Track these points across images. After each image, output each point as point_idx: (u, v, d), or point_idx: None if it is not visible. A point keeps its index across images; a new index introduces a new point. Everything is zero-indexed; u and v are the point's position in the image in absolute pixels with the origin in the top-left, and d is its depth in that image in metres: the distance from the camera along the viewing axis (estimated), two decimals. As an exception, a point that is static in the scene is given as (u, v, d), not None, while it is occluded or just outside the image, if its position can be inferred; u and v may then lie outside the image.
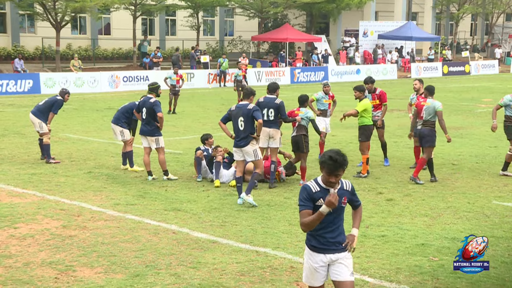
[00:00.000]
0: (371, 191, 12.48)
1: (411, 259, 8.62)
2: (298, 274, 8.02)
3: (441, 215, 10.84)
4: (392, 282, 7.80)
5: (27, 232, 9.63)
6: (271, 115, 12.56)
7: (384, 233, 9.74)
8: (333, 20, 53.15)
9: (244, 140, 11.42)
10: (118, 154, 15.77)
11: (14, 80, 31.87)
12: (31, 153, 16.11)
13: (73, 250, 8.87)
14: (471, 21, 67.19)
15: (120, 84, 34.45)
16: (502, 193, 12.43)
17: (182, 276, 7.93)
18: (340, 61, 48.91)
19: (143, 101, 13.28)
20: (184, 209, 11.04)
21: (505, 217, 10.78)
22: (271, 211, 10.95)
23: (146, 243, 9.22)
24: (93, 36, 44.35)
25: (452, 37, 60.94)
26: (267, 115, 12.49)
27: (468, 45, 62.83)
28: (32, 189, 12.35)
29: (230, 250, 8.93)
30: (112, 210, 11.00)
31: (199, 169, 13.22)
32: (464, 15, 59.46)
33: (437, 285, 7.72)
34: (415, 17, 60.88)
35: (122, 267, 8.22)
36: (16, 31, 41.71)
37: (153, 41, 46.07)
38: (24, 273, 7.98)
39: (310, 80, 42.32)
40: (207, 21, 50.68)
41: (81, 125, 21.48)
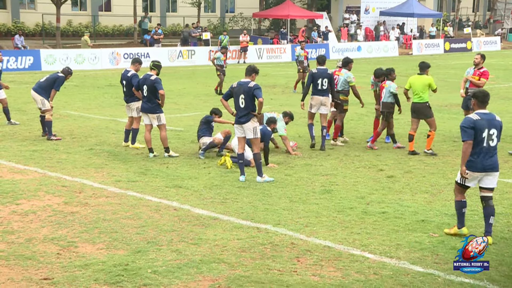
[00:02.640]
0: (371, 168, 12.50)
1: (411, 236, 8.65)
2: (299, 250, 8.06)
3: (442, 192, 10.86)
4: (392, 258, 7.84)
5: (29, 208, 9.67)
6: (324, 84, 14.00)
7: (385, 210, 9.77)
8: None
9: (245, 117, 11.41)
10: (120, 131, 15.77)
11: (15, 57, 31.77)
12: (33, 129, 16.11)
13: (75, 226, 8.91)
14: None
15: (120, 61, 34.33)
16: (502, 169, 12.41)
17: (183, 252, 7.97)
18: (342, 38, 48.65)
19: (144, 79, 13.20)
20: (185, 186, 11.06)
21: (505, 193, 10.81)
22: (272, 188, 10.98)
23: (148, 219, 9.25)
24: (94, 13, 44.13)
25: (454, 14, 60.56)
26: (321, 84, 13.98)
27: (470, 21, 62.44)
28: (34, 166, 12.37)
29: (231, 227, 8.96)
30: (114, 186, 11.02)
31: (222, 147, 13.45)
32: (467, -9, 59.09)
33: (437, 261, 7.76)
34: (417, -6, 60.48)
35: (123, 243, 8.26)
36: (16, 7, 41.48)
37: (154, 18, 45.82)
38: (26, 249, 8.02)
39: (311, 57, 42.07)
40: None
41: (82, 102, 21.46)
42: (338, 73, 14.66)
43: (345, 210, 9.74)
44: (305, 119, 15.11)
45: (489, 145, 8.31)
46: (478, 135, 8.26)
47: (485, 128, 8.27)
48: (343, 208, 9.87)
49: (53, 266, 7.50)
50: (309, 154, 13.64)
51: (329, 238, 8.52)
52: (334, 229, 8.89)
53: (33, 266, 7.50)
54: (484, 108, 8.46)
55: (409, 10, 50.00)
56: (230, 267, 7.52)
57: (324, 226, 9.01)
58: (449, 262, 7.69)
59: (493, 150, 8.38)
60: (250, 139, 11.52)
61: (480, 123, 8.26)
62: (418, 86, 13.58)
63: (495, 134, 8.34)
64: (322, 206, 9.95)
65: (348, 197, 10.49)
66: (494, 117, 8.43)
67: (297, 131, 16.11)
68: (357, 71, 18.07)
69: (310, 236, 8.61)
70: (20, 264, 7.54)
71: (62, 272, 7.33)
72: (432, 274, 7.38)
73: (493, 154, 8.39)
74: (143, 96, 13.21)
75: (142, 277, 7.18)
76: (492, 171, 8.44)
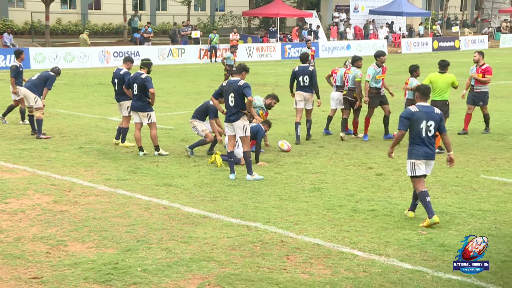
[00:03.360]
0: (361, 166, 12.52)
1: (400, 233, 8.68)
2: (289, 248, 8.07)
3: (430, 189, 10.88)
4: (381, 256, 7.86)
5: (18, 207, 9.62)
6: (306, 81, 14.43)
7: (374, 208, 9.79)
8: (325, -5, 52.93)
9: (235, 115, 11.40)
10: (109, 130, 15.74)
11: (3, 55, 31.56)
12: (22, 128, 16.03)
13: (65, 225, 8.87)
14: (462, -4, 67.11)
15: (110, 59, 34.21)
16: (490, 167, 12.51)
17: (173, 250, 7.96)
18: (331, 37, 48.70)
19: (134, 77, 13.15)
20: (175, 184, 11.05)
21: (492, 190, 10.86)
22: (261, 186, 10.98)
23: (137, 218, 9.23)
24: (83, 11, 43.96)
25: (443, 13, 60.76)
26: (303, 81, 14.44)
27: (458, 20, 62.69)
28: (23, 164, 12.31)
29: (221, 225, 8.95)
30: (103, 185, 10.99)
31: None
32: (455, -10, 59.34)
33: (425, 258, 7.79)
34: (406, -8, 60.63)
35: (113, 242, 8.23)
36: (4, 5, 41.25)
37: (143, 16, 45.73)
38: (15, 248, 7.98)
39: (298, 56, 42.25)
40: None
41: (71, 100, 21.37)
42: (347, 72, 15.12)
43: (334, 208, 9.76)
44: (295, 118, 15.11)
45: (428, 135, 8.94)
46: (416, 126, 8.92)
47: (423, 120, 8.89)
48: (333, 206, 9.88)
49: (42, 265, 7.47)
50: (299, 152, 13.65)
51: (319, 236, 8.53)
52: (323, 227, 8.90)
53: (22, 265, 7.46)
54: (426, 101, 9.15)
55: (398, 9, 50.15)
56: (220, 265, 7.51)
57: (314, 224, 9.02)
58: (438, 259, 7.73)
59: (430, 140, 8.99)
60: (241, 137, 11.51)
61: (418, 114, 8.91)
62: (441, 84, 13.78)
63: (432, 126, 8.93)
64: (311, 204, 9.97)
65: (338, 195, 10.50)
66: (433, 110, 9.05)
67: (287, 129, 16.11)
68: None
69: (299, 234, 8.62)
70: (8, 263, 7.50)
71: (51, 271, 7.30)
72: (420, 271, 7.40)
73: (432, 143, 9.05)
74: (133, 95, 13.15)
75: (132, 276, 7.16)
76: (431, 159, 9.12)
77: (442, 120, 9.04)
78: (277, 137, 14.87)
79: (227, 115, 11.52)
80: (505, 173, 12.03)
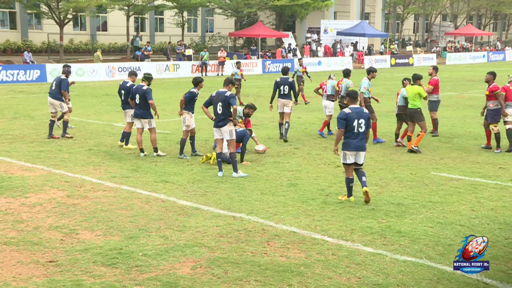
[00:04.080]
0: (330, 165, 12.54)
1: (363, 222, 8.70)
2: (269, 235, 8.06)
3: (389, 184, 10.95)
4: (347, 241, 7.87)
5: (36, 201, 9.52)
6: (286, 90, 14.91)
7: (342, 200, 9.80)
8: (299, 19, 52.93)
9: (222, 122, 11.36)
10: (115, 134, 15.64)
11: (24, 70, 31.32)
12: (39, 133, 15.87)
13: (76, 216, 8.79)
14: (414, 20, 67.35)
15: (115, 73, 34.00)
16: (439, 165, 12.59)
17: (170, 237, 7.92)
18: (305, 54, 48.76)
19: (136, 88, 13.08)
20: (172, 181, 10.99)
21: (441, 185, 10.92)
22: (245, 182, 10.95)
23: (139, 210, 9.17)
24: (92, 32, 43.65)
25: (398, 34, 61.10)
26: (283, 90, 14.91)
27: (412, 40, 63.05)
28: (40, 164, 12.19)
29: (210, 216, 8.92)
30: (110, 182, 10.90)
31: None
32: (408, 15, 59.63)
33: (385, 243, 7.81)
34: (368, 17, 60.77)
35: (118, 230, 8.17)
36: (25, 27, 40.87)
37: (144, 37, 45.51)
38: (34, 236, 7.91)
39: (279, 70, 42.19)
40: (190, 19, 50.01)
41: (82, 109, 21.19)
42: (340, 82, 15.59)
43: (308, 201, 9.76)
44: (274, 123, 15.16)
45: (359, 131, 9.50)
46: (350, 124, 9.46)
47: (355, 119, 9.46)
48: (306, 199, 9.88)
49: (57, 250, 7.40)
50: (277, 153, 13.65)
51: (295, 225, 8.52)
52: (298, 217, 8.90)
53: (39, 250, 7.39)
54: (355, 104, 9.69)
55: (361, 31, 50.40)
56: (210, 250, 7.48)
57: (290, 215, 9.02)
58: (395, 244, 7.76)
59: (362, 135, 9.52)
60: (227, 140, 11.48)
61: (351, 115, 9.48)
62: (411, 94, 13.75)
63: (363, 123, 9.50)
64: (288, 197, 9.96)
65: (311, 190, 10.51)
66: (362, 110, 9.63)
67: (267, 133, 16.10)
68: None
69: (278, 223, 8.61)
70: (28, 249, 7.43)
71: (65, 255, 7.23)
72: (380, 254, 7.42)
73: (362, 138, 9.54)
74: (136, 104, 13.07)
75: (134, 259, 7.12)
76: (361, 150, 9.60)
77: (369, 118, 9.62)
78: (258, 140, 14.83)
79: (216, 121, 11.48)
80: (451, 170, 12.11)
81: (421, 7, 60.86)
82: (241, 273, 6.78)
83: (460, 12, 65.53)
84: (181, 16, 44.48)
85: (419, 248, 7.61)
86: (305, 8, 47.98)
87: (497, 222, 8.75)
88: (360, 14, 57.60)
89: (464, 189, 10.61)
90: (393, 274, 6.82)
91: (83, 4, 35.00)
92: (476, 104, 20.90)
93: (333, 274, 6.79)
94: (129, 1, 40.15)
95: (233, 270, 6.87)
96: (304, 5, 47.29)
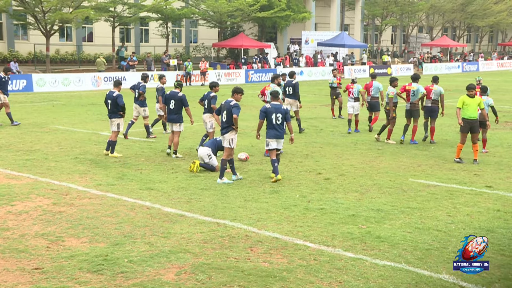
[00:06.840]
0: (312, 172, 12.57)
1: (344, 227, 8.72)
2: (252, 241, 8.04)
3: (369, 191, 11.00)
4: (329, 247, 7.88)
5: (22, 209, 9.41)
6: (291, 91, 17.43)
7: (323, 207, 9.83)
8: (281, 30, 53.16)
9: (226, 129, 11.47)
10: (100, 143, 15.53)
11: (10, 80, 30.93)
12: (25, 141, 15.71)
13: (62, 224, 8.70)
14: (392, 32, 67.99)
15: (101, 83, 33.77)
16: (416, 172, 12.68)
17: (155, 244, 7.87)
18: (286, 64, 48.92)
19: (172, 95, 13.39)
20: (157, 188, 10.94)
21: (418, 191, 11.00)
22: (229, 190, 10.93)
23: (124, 217, 9.10)
24: (78, 43, 43.36)
25: (377, 45, 61.63)
26: (288, 91, 17.42)
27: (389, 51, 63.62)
28: (27, 172, 12.06)
29: (195, 222, 8.89)
30: (95, 189, 10.82)
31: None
32: (386, 27, 60.24)
33: (365, 248, 7.84)
34: (347, 28, 61.22)
35: (104, 237, 8.11)
36: (11, 38, 40.50)
37: (129, 47, 45.32)
38: (20, 243, 7.80)
39: (261, 80, 42.32)
40: (175, 30, 49.94)
41: (68, 118, 21.02)
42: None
43: (290, 207, 9.77)
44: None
45: (277, 123, 11.36)
46: (269, 117, 11.36)
47: (273, 113, 11.35)
48: (288, 205, 9.89)
49: (43, 257, 7.31)
50: (260, 161, 13.65)
51: (277, 231, 8.52)
52: (281, 223, 8.90)
53: (25, 258, 7.29)
54: (276, 101, 11.56)
55: (341, 42, 50.72)
56: (194, 256, 7.45)
57: (273, 221, 9.01)
58: (375, 249, 7.79)
59: (278, 126, 11.36)
60: (225, 146, 11.51)
61: (269, 109, 11.38)
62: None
63: (280, 117, 11.34)
64: (271, 204, 9.96)
65: (292, 196, 10.52)
66: (280, 106, 11.45)
67: (250, 142, 16.11)
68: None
69: (261, 229, 8.60)
70: (14, 257, 7.33)
71: (51, 262, 7.15)
72: (361, 259, 7.44)
73: (280, 128, 11.39)
74: (169, 109, 13.35)
75: (120, 266, 7.06)
76: (279, 138, 11.45)
77: (287, 113, 11.38)
78: (241, 148, 14.86)
79: (221, 128, 11.61)
80: (428, 177, 12.20)
81: (398, 19, 61.49)
82: (225, 278, 6.76)
83: (436, 24, 66.32)
84: (165, 27, 44.43)
85: (398, 253, 7.65)
86: (285, 19, 48.25)
87: (473, 227, 8.83)
88: (340, 26, 58.04)
89: (441, 195, 10.70)
90: (373, 278, 6.85)
91: (69, 16, 34.86)
92: (452, 112, 21.10)
93: (314, 279, 6.80)
94: (114, 13, 40.04)
95: (217, 275, 6.84)
96: (284, 17, 47.57)
